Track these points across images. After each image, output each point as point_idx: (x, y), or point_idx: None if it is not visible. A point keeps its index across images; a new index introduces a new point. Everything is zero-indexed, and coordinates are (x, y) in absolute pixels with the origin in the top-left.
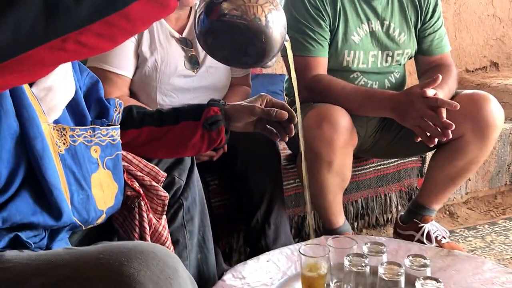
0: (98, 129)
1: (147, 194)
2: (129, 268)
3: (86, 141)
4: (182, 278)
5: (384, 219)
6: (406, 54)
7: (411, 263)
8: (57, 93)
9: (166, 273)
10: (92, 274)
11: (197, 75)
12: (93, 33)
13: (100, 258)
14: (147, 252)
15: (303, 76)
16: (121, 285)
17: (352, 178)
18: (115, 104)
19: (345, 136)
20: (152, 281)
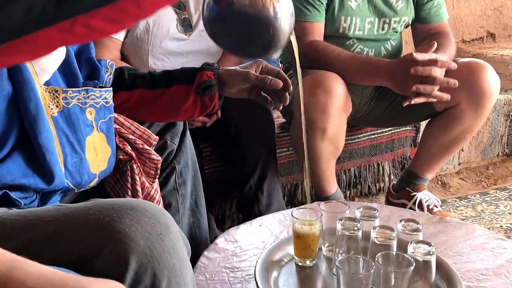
0: (92, 90)
1: (139, 157)
2: (120, 224)
3: (80, 103)
4: (173, 235)
5: (376, 188)
6: (403, 21)
7: (403, 227)
8: (49, 56)
9: (157, 229)
10: (82, 230)
11: (190, 39)
12: (102, 16)
13: (90, 214)
14: (138, 208)
15: (299, 41)
16: (112, 240)
17: (346, 147)
18: (106, 65)
19: (340, 103)
20: (143, 237)
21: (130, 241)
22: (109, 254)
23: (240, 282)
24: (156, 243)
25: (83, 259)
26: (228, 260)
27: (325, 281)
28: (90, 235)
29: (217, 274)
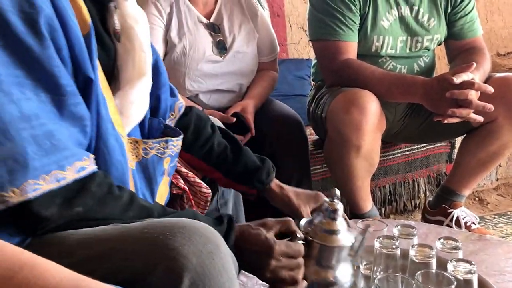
0: (171, 140)
1: (190, 189)
2: (173, 241)
3: (159, 153)
4: (223, 254)
5: (412, 204)
6: (435, 39)
7: (442, 245)
8: (138, 107)
9: (208, 247)
10: (136, 247)
11: (224, 61)
12: None
13: (145, 232)
14: (189, 227)
15: (333, 60)
16: (165, 257)
17: (380, 164)
18: (173, 107)
19: (374, 121)
20: (195, 255)
21: (183, 259)
22: (162, 271)
23: None
24: (207, 261)
25: (138, 276)
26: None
27: None
28: (144, 253)
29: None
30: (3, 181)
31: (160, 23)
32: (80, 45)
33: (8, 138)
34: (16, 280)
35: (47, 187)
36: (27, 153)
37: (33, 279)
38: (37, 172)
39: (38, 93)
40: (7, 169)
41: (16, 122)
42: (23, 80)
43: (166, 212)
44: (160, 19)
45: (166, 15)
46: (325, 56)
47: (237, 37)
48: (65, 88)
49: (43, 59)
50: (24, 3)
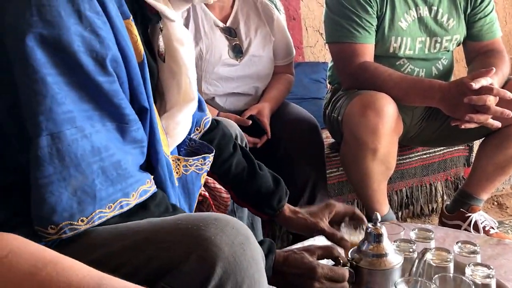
0: (207, 157)
1: (210, 192)
2: (206, 232)
3: (197, 170)
4: (253, 246)
5: (429, 208)
6: (455, 40)
7: (460, 249)
8: (183, 128)
9: (239, 239)
10: (171, 237)
11: (240, 64)
12: None
13: (178, 223)
14: (222, 219)
15: (350, 63)
16: (199, 247)
17: (397, 167)
18: (200, 122)
19: (390, 124)
20: (227, 245)
21: (216, 248)
22: (196, 259)
23: None
24: (239, 252)
25: (171, 264)
26: None
27: None
28: (178, 242)
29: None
30: (74, 211)
31: None
32: (137, 75)
33: (79, 171)
34: (39, 276)
35: (112, 214)
36: (95, 185)
37: (56, 276)
38: (103, 202)
39: (105, 123)
40: (77, 200)
41: (87, 157)
42: (92, 113)
43: None
44: None
45: (183, 20)
46: (342, 59)
47: (253, 41)
48: (129, 117)
49: (111, 94)
50: (95, 42)
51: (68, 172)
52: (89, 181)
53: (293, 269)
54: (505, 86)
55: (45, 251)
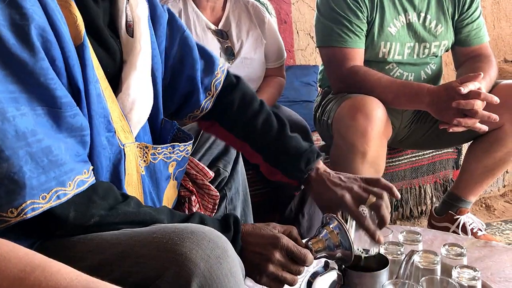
0: (177, 146)
1: (198, 191)
2: (181, 247)
3: (165, 158)
4: (231, 258)
5: (418, 211)
6: (443, 45)
7: (447, 252)
8: (140, 105)
9: (216, 252)
10: (146, 252)
11: (232, 66)
12: None
13: (154, 237)
14: (197, 232)
15: (340, 67)
16: (174, 262)
17: (386, 170)
18: (210, 87)
19: (380, 127)
20: (203, 260)
21: (191, 264)
22: (171, 276)
23: None
24: (215, 266)
25: (148, 280)
26: None
27: None
28: (154, 257)
29: None
30: (1, 202)
31: None
32: (72, 57)
33: (3, 158)
34: (28, 281)
35: (47, 205)
36: (24, 172)
37: (45, 281)
38: (35, 192)
39: (34, 107)
40: (5, 189)
41: (11, 142)
42: (18, 95)
43: (174, 215)
44: None
45: None
46: (332, 62)
47: (244, 43)
48: (61, 100)
49: (37, 72)
50: (15, 15)
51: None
52: (16, 168)
53: (258, 238)
54: (492, 90)
55: (34, 255)
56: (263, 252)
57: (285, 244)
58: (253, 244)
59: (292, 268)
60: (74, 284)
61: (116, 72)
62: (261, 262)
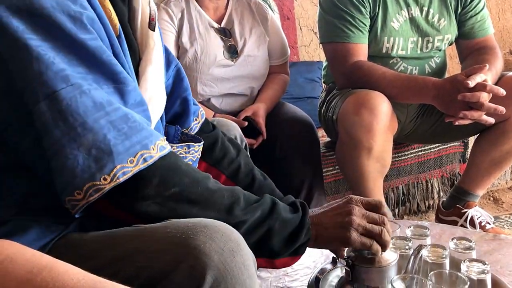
0: (192, 145)
1: None
2: (195, 240)
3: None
4: (244, 251)
5: (425, 205)
6: (446, 39)
7: (455, 245)
8: (156, 103)
9: (229, 245)
10: (160, 247)
11: (236, 64)
12: None
13: (167, 232)
14: (210, 226)
15: (344, 62)
16: (188, 256)
17: (393, 164)
18: (197, 113)
19: (385, 122)
20: (216, 253)
21: (205, 257)
22: (185, 269)
23: None
24: (229, 259)
25: (162, 274)
26: (280, 279)
27: None
28: (167, 252)
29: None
30: (93, 171)
31: (172, 29)
32: (116, 46)
33: (87, 128)
34: (35, 282)
35: (136, 168)
36: (109, 140)
37: (52, 281)
38: (122, 156)
39: (101, 86)
40: (93, 159)
41: (91, 112)
42: (85, 75)
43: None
44: (171, 25)
45: (178, 21)
46: (336, 58)
47: (248, 41)
48: (122, 75)
49: (98, 51)
50: (68, 2)
51: (76, 131)
52: (100, 137)
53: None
54: (498, 82)
55: (41, 256)
56: (342, 212)
57: (361, 211)
58: (328, 217)
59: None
60: (81, 284)
61: (136, 69)
62: (344, 222)
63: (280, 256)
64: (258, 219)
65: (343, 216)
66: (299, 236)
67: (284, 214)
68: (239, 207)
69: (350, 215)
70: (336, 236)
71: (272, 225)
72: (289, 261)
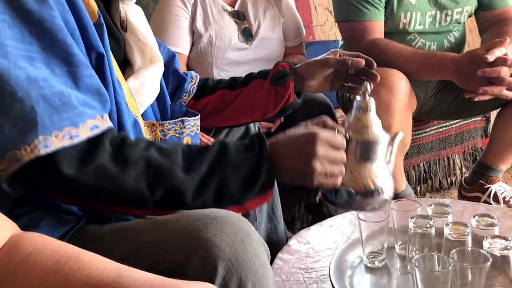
0: (187, 120)
1: None
2: (206, 232)
3: (177, 134)
4: (254, 241)
5: (447, 182)
6: (466, 11)
7: (477, 222)
8: (150, 87)
9: (240, 236)
10: (172, 239)
11: (251, 47)
12: None
13: (178, 224)
14: (221, 217)
15: (360, 40)
16: (200, 248)
17: (413, 142)
18: (191, 75)
19: (403, 100)
20: (228, 244)
21: (216, 249)
22: (198, 261)
23: (315, 282)
24: (240, 250)
25: (175, 266)
26: (302, 261)
27: (399, 279)
28: (179, 244)
29: (292, 275)
30: (16, 140)
31: (186, 14)
32: (92, 29)
33: (16, 99)
34: (62, 271)
35: (60, 144)
36: (36, 112)
37: (79, 270)
38: (47, 129)
39: (53, 68)
40: (18, 129)
41: (23, 84)
42: (35, 54)
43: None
44: (185, 10)
45: (191, 6)
46: (352, 37)
47: (262, 23)
48: (78, 57)
49: (55, 28)
50: None
51: (5, 102)
52: (27, 108)
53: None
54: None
55: (67, 247)
56: (303, 153)
57: (324, 137)
58: (289, 152)
59: (337, 157)
60: (106, 272)
61: (120, 58)
62: (305, 165)
63: (246, 199)
64: (206, 173)
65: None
66: (258, 175)
67: (236, 156)
68: (179, 166)
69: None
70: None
71: (224, 173)
72: (260, 200)
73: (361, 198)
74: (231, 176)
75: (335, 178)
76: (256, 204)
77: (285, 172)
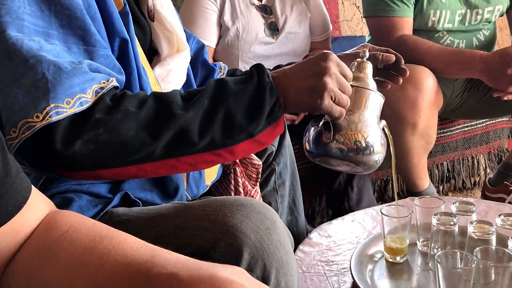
0: None
1: (242, 161)
2: (232, 219)
3: None
4: (279, 229)
5: (471, 182)
6: (497, 10)
7: (503, 222)
8: (176, 75)
9: (265, 224)
10: (199, 224)
11: (277, 42)
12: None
13: (206, 210)
14: (247, 205)
15: (388, 36)
16: (226, 234)
17: (437, 140)
18: (220, 66)
19: (430, 97)
20: (253, 231)
21: (242, 235)
22: (224, 246)
23: (335, 275)
24: (265, 237)
25: (201, 251)
26: (323, 254)
27: (420, 275)
28: (206, 229)
29: (313, 267)
30: (28, 108)
31: (214, 8)
32: (116, 15)
33: (28, 67)
34: (98, 250)
35: (72, 111)
36: (47, 78)
37: (113, 249)
38: (59, 96)
39: (69, 45)
40: (32, 97)
41: (35, 52)
42: (53, 31)
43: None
44: (213, 4)
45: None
46: (380, 32)
47: (289, 18)
48: (95, 37)
49: (73, 6)
50: None
51: (18, 70)
52: (39, 75)
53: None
54: None
55: (102, 226)
56: (315, 70)
57: (337, 59)
58: (299, 71)
59: (346, 85)
60: (140, 252)
61: (146, 46)
62: (317, 82)
63: (257, 129)
64: (208, 107)
65: (316, 76)
66: (262, 98)
67: (235, 87)
68: (177, 106)
69: (324, 76)
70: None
71: (227, 104)
72: (273, 131)
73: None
74: (235, 105)
75: (342, 107)
76: (270, 136)
77: (294, 94)
